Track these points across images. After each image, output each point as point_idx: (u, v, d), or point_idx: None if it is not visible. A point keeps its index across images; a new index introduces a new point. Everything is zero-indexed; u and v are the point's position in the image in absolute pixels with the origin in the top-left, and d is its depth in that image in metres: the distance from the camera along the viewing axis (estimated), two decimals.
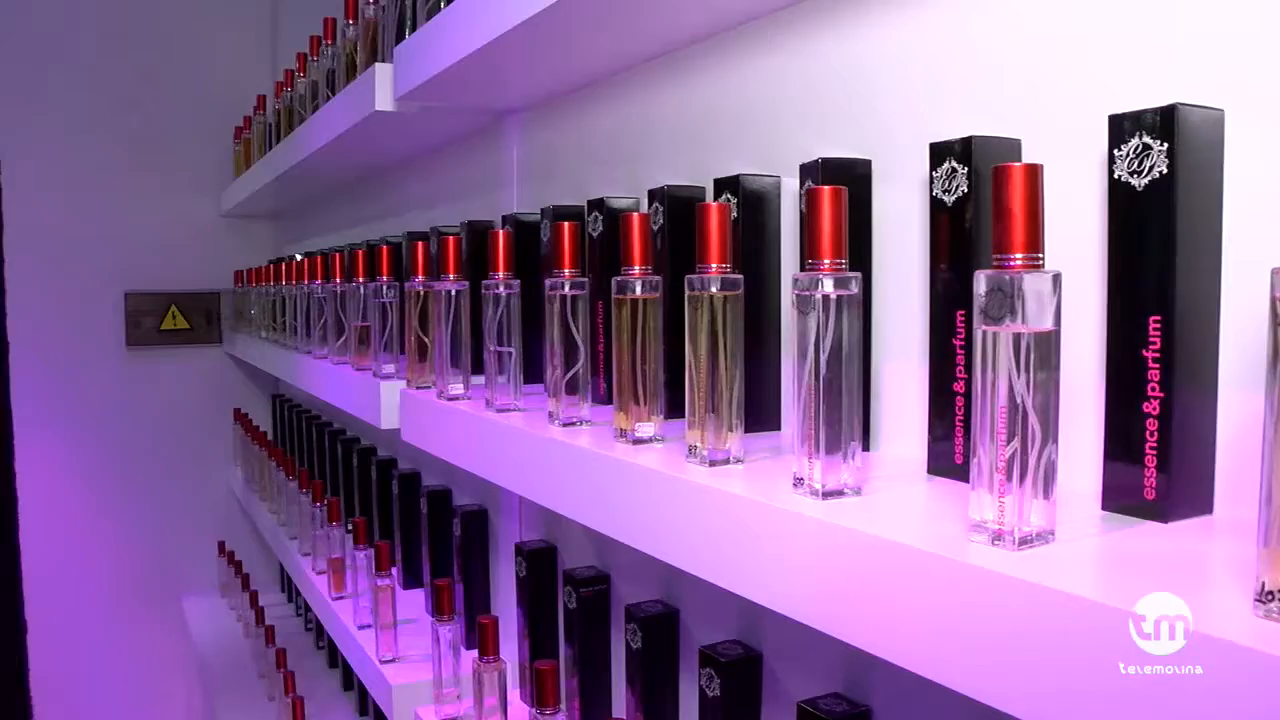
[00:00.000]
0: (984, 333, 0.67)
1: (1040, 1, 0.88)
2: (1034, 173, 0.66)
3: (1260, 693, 0.50)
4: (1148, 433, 0.74)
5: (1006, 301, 0.65)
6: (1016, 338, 0.66)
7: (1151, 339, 0.73)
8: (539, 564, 1.65)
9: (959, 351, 0.87)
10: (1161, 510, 0.74)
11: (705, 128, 1.32)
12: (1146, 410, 0.74)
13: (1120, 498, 0.76)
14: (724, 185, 1.12)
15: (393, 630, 1.99)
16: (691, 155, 1.34)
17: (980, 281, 0.67)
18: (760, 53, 1.20)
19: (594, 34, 1.32)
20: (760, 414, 1.12)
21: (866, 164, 1.01)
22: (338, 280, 2.20)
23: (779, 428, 1.14)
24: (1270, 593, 0.54)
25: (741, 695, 1.18)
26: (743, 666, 1.17)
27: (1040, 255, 0.67)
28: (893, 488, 0.87)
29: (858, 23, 1.06)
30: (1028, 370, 0.66)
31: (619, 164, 1.54)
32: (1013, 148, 0.87)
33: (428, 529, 2.16)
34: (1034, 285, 0.66)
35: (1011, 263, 0.66)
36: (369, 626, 2.07)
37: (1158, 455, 0.73)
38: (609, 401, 1.18)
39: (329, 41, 2.41)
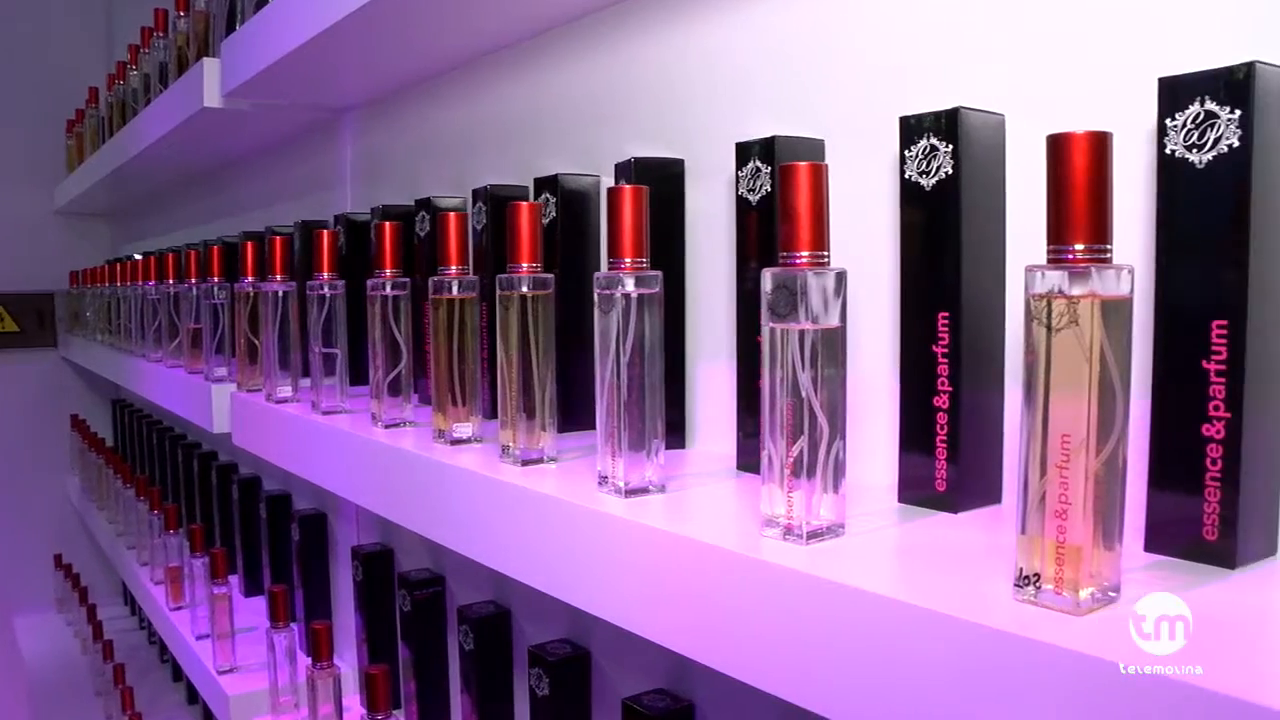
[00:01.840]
0: (772, 330, 0.68)
1: (844, 7, 0.90)
2: (818, 172, 0.68)
3: (1012, 671, 0.52)
4: (938, 426, 0.76)
5: (791, 299, 0.66)
6: (802, 335, 0.67)
7: (940, 334, 0.75)
8: (375, 567, 1.62)
9: None
10: (952, 501, 0.76)
11: (532, 127, 1.31)
12: (936, 404, 0.76)
13: (914, 490, 0.78)
14: (544, 184, 1.12)
15: (230, 639, 1.93)
16: (519, 154, 1.33)
17: (767, 280, 0.68)
18: (582, 53, 1.20)
19: (417, 31, 1.30)
20: (583, 412, 1.11)
21: (679, 163, 1.02)
22: (171, 281, 2.14)
23: None
24: (1027, 577, 0.56)
25: (570, 694, 1.17)
26: (570, 665, 1.17)
27: (825, 254, 0.68)
28: (699, 484, 0.88)
29: (674, 25, 1.06)
30: (814, 367, 0.67)
31: (450, 163, 1.52)
32: (816, 148, 0.89)
33: (268, 535, 2.10)
34: (819, 283, 0.67)
35: (797, 261, 0.67)
36: (208, 636, 2.01)
37: (948, 448, 0.76)
38: None
39: (160, 33, 2.32)
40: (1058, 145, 0.55)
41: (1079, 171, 0.55)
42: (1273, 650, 0.52)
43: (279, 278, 1.52)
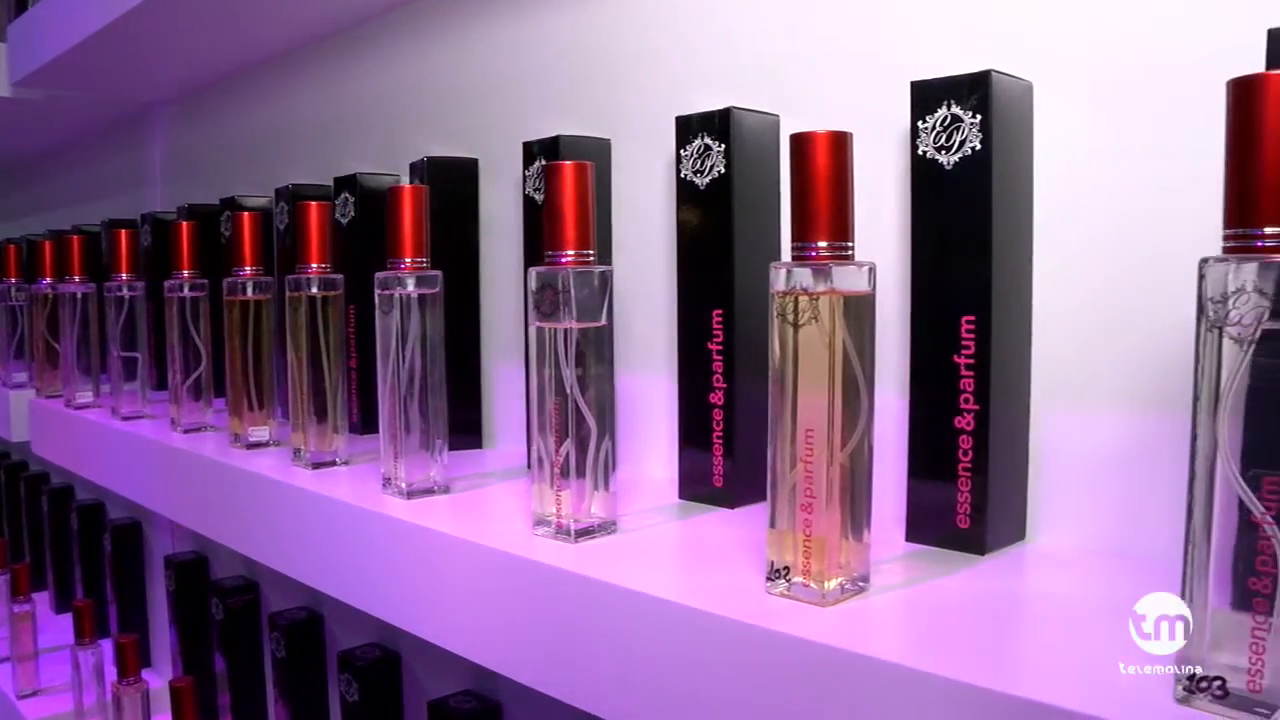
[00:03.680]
0: (539, 329, 0.68)
1: (630, 9, 0.90)
2: (582, 171, 0.68)
3: (761, 663, 0.53)
4: (714, 423, 0.77)
5: (555, 298, 0.66)
6: (567, 333, 0.67)
7: (715, 331, 0.76)
8: (188, 576, 1.57)
9: None
10: (729, 497, 0.77)
11: (338, 126, 1.29)
12: (713, 401, 0.77)
13: (693, 486, 0.79)
14: (343, 184, 1.10)
15: (33, 660, 1.84)
16: (326, 153, 1.31)
17: (531, 279, 0.68)
18: (387, 51, 1.19)
19: (222, 16, 1.26)
20: None
21: (474, 163, 1.01)
22: None
23: None
24: (779, 570, 0.58)
25: (380, 697, 1.16)
26: (380, 669, 1.15)
27: (590, 252, 0.68)
28: (486, 485, 0.88)
29: (472, 25, 1.06)
30: (580, 365, 0.67)
31: (260, 161, 1.48)
32: (602, 147, 0.89)
33: (79, 547, 2.01)
34: (583, 282, 0.67)
35: (561, 260, 0.67)
36: (8, 659, 1.91)
37: (724, 444, 0.77)
38: None
39: None
40: (799, 144, 0.56)
41: (820, 170, 0.56)
42: (978, 634, 0.54)
43: (78, 278, 1.46)
